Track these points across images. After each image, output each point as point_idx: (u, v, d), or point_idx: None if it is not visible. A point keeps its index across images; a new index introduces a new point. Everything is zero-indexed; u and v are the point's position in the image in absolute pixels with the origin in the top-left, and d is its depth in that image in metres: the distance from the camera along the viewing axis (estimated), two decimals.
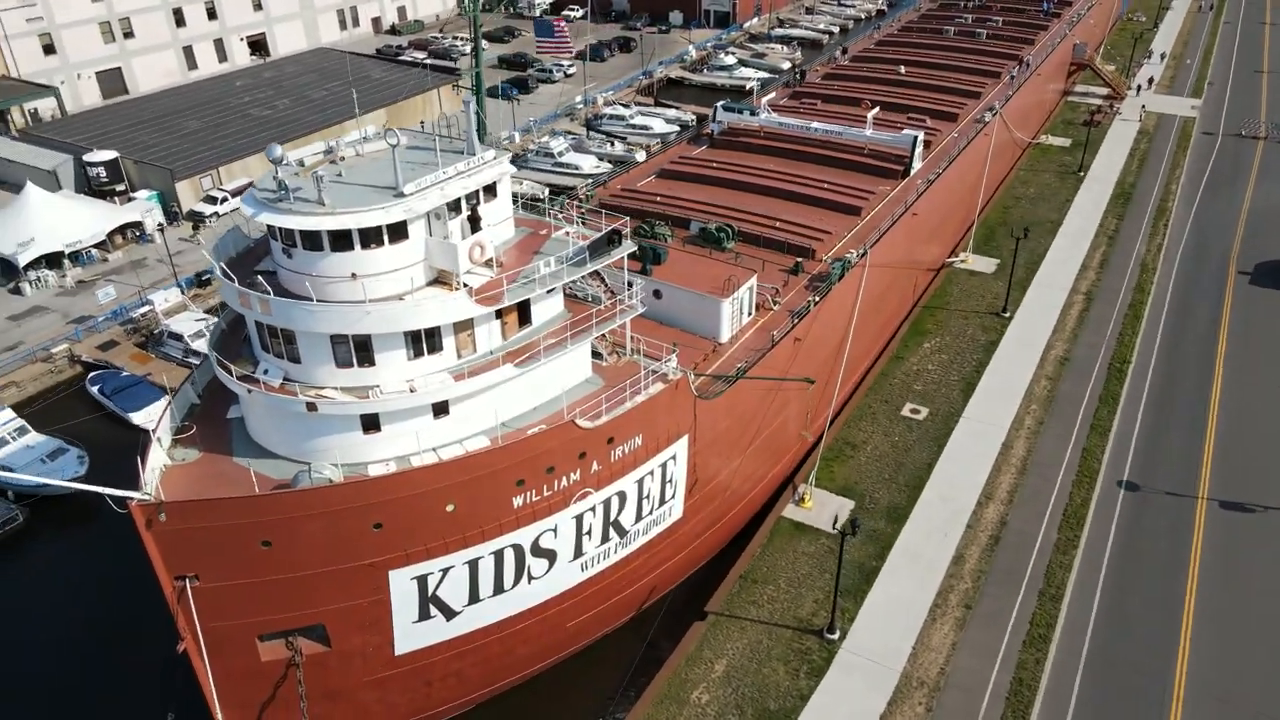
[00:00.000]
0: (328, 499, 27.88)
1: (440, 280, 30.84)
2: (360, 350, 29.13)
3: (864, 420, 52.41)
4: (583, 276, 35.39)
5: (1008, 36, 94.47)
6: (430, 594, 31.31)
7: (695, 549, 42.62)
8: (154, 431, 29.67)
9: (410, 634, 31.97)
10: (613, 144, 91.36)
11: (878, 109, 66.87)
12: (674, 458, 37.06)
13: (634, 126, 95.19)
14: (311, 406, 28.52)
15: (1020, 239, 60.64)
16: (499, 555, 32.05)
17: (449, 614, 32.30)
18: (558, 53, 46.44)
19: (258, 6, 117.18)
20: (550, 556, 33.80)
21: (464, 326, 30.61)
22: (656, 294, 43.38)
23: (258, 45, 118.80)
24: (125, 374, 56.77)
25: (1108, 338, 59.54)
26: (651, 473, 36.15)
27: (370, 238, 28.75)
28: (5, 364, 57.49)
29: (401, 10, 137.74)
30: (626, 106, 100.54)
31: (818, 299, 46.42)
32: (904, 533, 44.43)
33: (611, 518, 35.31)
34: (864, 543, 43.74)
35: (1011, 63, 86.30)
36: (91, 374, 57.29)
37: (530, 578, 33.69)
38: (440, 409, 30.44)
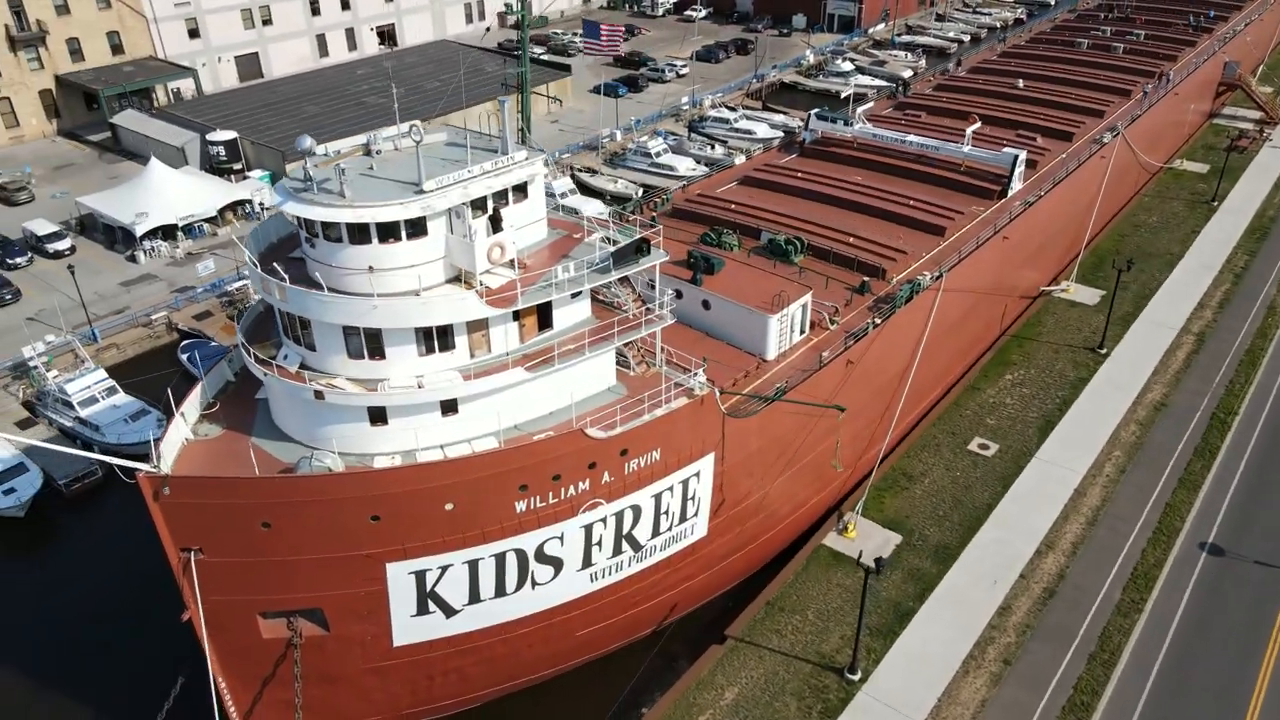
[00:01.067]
0: (325, 487, 28.30)
1: (460, 278, 30.85)
2: (371, 343, 29.44)
3: (926, 451, 49.80)
4: (612, 284, 34.88)
5: (1147, 52, 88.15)
6: (429, 590, 31.42)
7: (723, 569, 41.40)
8: (179, 406, 30.83)
9: (409, 627, 32.18)
10: (713, 147, 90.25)
11: (980, 124, 63.43)
12: (697, 475, 36.02)
13: (737, 130, 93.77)
14: (319, 395, 29.00)
15: (1122, 271, 56.27)
16: (500, 558, 31.86)
17: (448, 611, 32.35)
18: (603, 53, 45.71)
19: None
20: (556, 564, 33.39)
21: (478, 326, 30.52)
22: (705, 305, 42.37)
23: (386, 35, 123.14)
24: (214, 344, 59.69)
25: (1215, 385, 54.62)
26: (671, 488, 35.23)
27: (388, 232, 28.99)
28: (111, 326, 61.42)
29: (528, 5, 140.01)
30: (733, 110, 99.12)
31: (878, 321, 44.32)
32: (950, 575, 41.93)
33: (625, 531, 34.60)
34: (904, 581, 41.56)
35: (1146, 80, 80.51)
36: (184, 342, 60.53)
37: (535, 583, 33.37)
38: (449, 407, 30.46)
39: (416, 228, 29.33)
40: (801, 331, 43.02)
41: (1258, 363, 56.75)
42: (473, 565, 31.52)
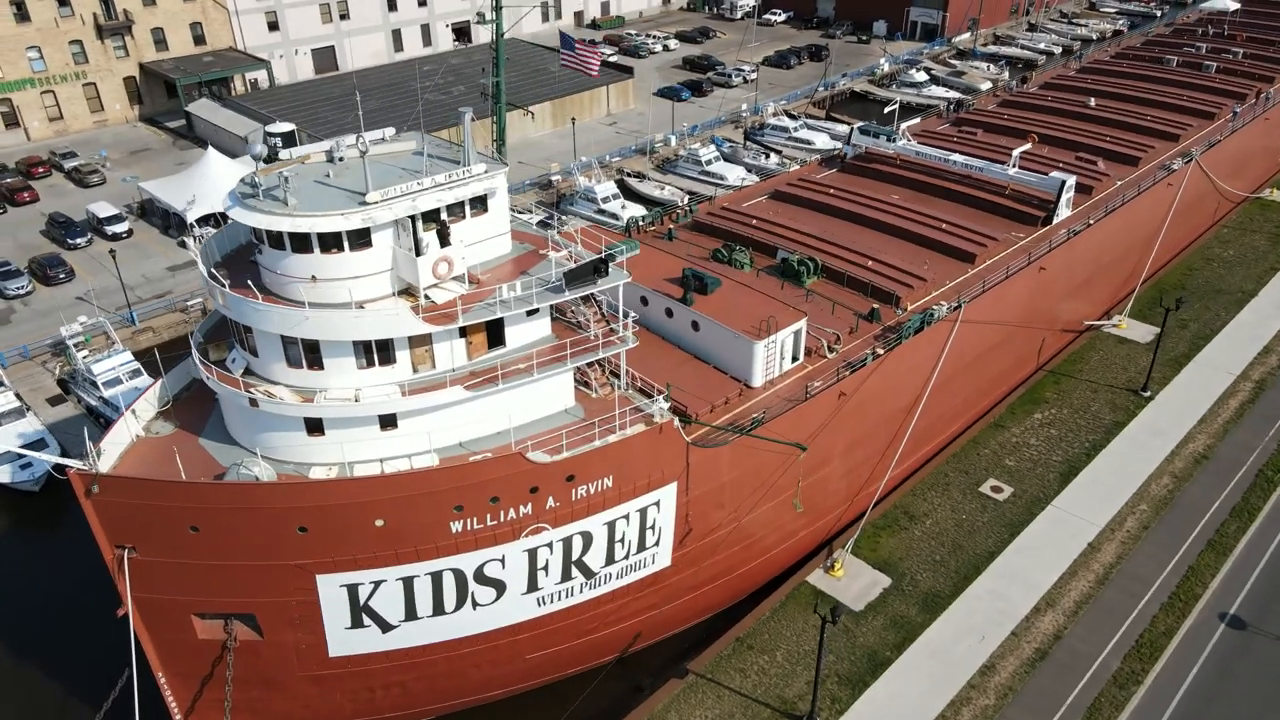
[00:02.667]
0: (250, 496, 28.22)
1: (409, 292, 30.40)
2: (309, 352, 29.24)
3: (934, 490, 47.28)
4: (576, 303, 33.93)
5: (1242, 72, 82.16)
6: (362, 604, 31.12)
7: (695, 600, 40.02)
8: (132, 405, 31.26)
9: (345, 639, 31.96)
10: (768, 156, 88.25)
11: (1030, 145, 60.00)
12: (657, 504, 34.78)
13: (795, 140, 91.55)
14: (253, 402, 28.94)
15: (1170, 309, 52.26)
16: (437, 577, 31.32)
17: (384, 626, 31.99)
18: (581, 70, 44.59)
19: None
20: (498, 586, 32.67)
21: (421, 341, 30.01)
22: (695, 326, 41.01)
23: (461, 32, 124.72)
24: None
25: (1267, 440, 50.29)
26: (626, 517, 34.11)
27: (330, 242, 28.72)
28: (149, 310, 63.58)
29: (605, 5, 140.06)
30: (794, 118, 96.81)
31: (880, 352, 42.15)
32: (935, 625, 39.60)
33: (574, 557, 33.65)
34: (885, 628, 39.45)
35: (1235, 102, 75.04)
36: None
37: (476, 604, 32.73)
38: (388, 421, 30.04)
39: (360, 239, 28.98)
40: (794, 359, 41.22)
41: None
42: (408, 582, 31.07)
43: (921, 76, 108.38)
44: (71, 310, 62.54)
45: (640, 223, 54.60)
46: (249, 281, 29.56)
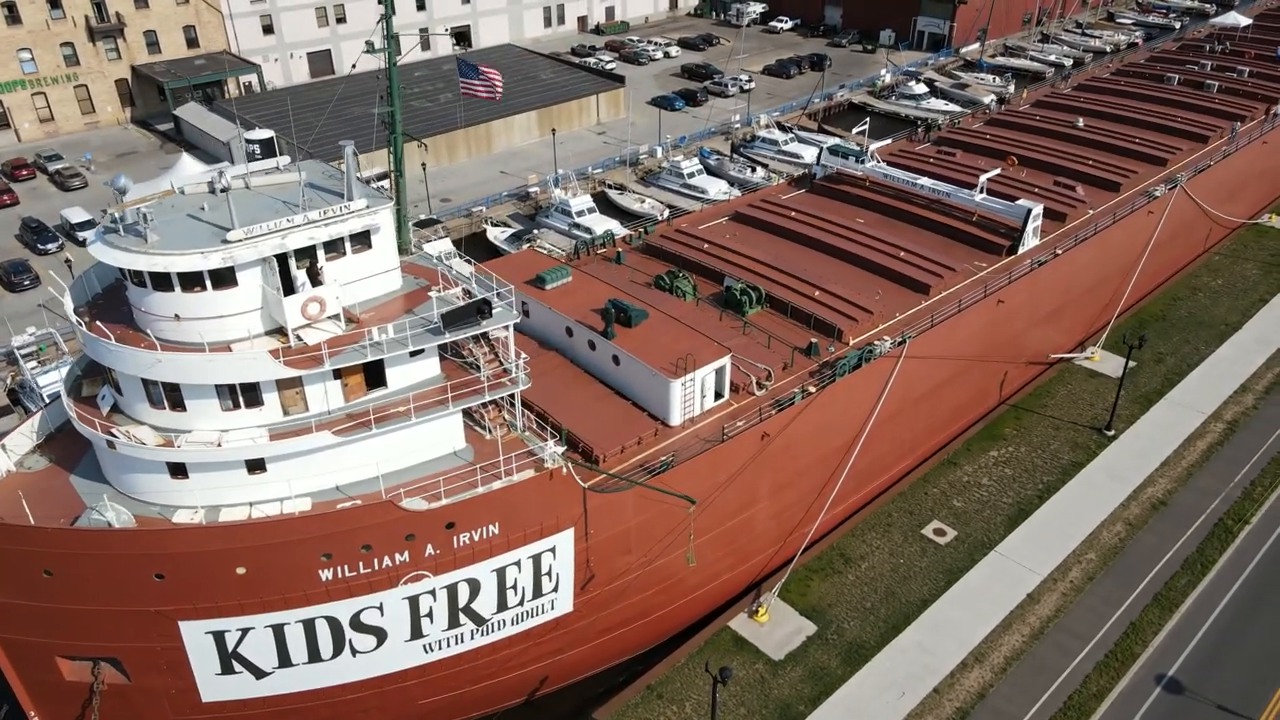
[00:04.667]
0: (101, 543, 27.41)
1: (282, 331, 29.42)
2: (170, 394, 28.33)
3: (874, 530, 45.63)
4: (472, 341, 32.80)
5: (1246, 92, 79.18)
6: (230, 651, 30.21)
7: (605, 644, 38.73)
8: (3, 438, 30.59)
9: (217, 685, 31.09)
10: (753, 170, 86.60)
11: (998, 170, 57.92)
12: (552, 550, 33.55)
13: (785, 154, 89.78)
14: (110, 444, 28.11)
15: (1134, 346, 50.06)
16: (309, 625, 30.34)
17: (258, 673, 31.07)
18: (481, 97, 43.30)
19: (466, 0, 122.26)
20: (378, 634, 31.62)
21: (291, 383, 29.01)
22: (615, 360, 39.69)
23: (462, 36, 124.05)
24: None
25: (1232, 486, 48.02)
26: (517, 563, 32.92)
27: (192, 281, 27.78)
28: None
29: (610, 10, 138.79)
30: (786, 130, 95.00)
31: (811, 391, 40.59)
32: (855, 679, 38.04)
33: (461, 604, 32.52)
34: (803, 680, 37.98)
35: (1233, 124, 72.28)
36: None
37: (355, 651, 31.71)
38: (256, 465, 29.06)
39: (223, 278, 28.01)
40: (718, 396, 39.76)
41: None
42: (278, 630, 30.12)
43: (921, 89, 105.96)
44: (32, 319, 62.43)
45: (591, 244, 53.41)
46: (129, 316, 28.76)
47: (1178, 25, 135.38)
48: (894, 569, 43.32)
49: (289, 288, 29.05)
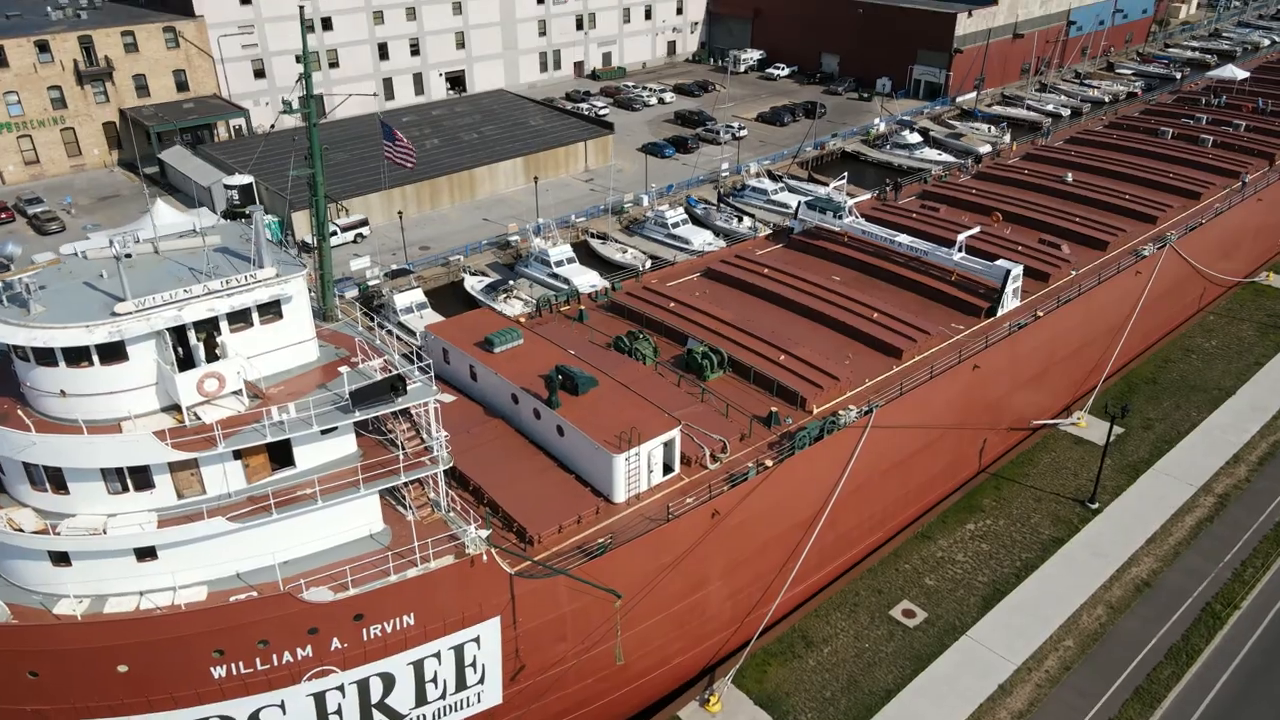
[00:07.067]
0: None
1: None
2: (51, 475, 26.43)
3: (840, 610, 43.13)
4: (391, 417, 30.85)
5: (1241, 147, 77.47)
6: None
7: None
8: None
9: None
10: (739, 219, 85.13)
11: (977, 230, 56.05)
12: (476, 640, 31.28)
13: (774, 203, 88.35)
14: None
15: (1116, 416, 47.72)
16: None
17: None
18: (397, 162, 41.97)
19: (460, 45, 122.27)
20: None
21: (186, 464, 27.06)
22: (560, 431, 37.66)
23: (457, 81, 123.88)
24: None
25: (1221, 567, 45.39)
26: (437, 655, 30.66)
27: (78, 356, 25.99)
28: None
29: (606, 56, 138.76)
30: (776, 179, 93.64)
31: (767, 465, 38.41)
32: None
33: (374, 699, 30.23)
34: None
35: (1229, 180, 70.48)
36: None
37: None
38: (146, 552, 27.03)
39: (112, 353, 26.22)
40: (668, 470, 37.62)
41: None
42: None
43: (915, 138, 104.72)
44: None
45: (553, 301, 51.72)
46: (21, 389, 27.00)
47: (1178, 76, 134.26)
48: (858, 654, 40.76)
49: (190, 361, 27.21)
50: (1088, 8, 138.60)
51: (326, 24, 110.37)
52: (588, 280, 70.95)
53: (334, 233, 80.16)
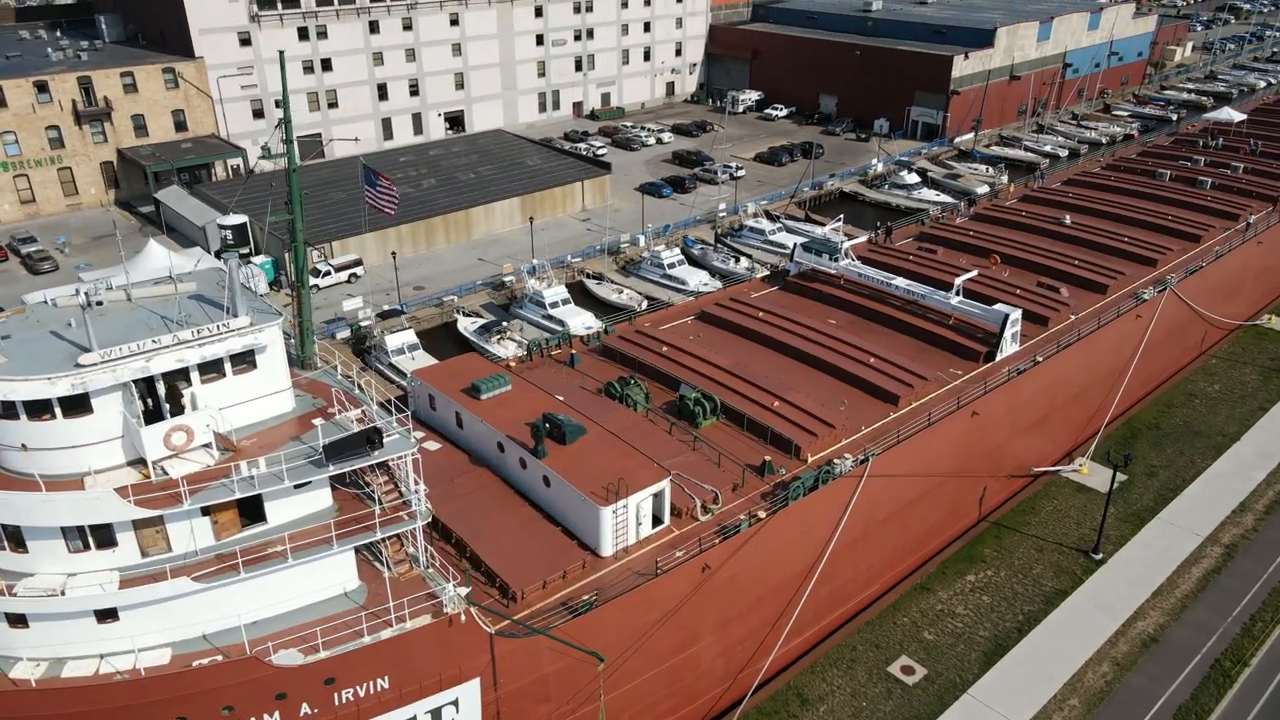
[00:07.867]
0: None
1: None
2: (10, 533, 25.38)
3: (836, 666, 41.71)
4: (368, 470, 29.86)
5: (1240, 189, 77.11)
6: None
7: None
8: None
9: None
10: (737, 260, 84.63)
11: (974, 273, 55.39)
12: (454, 703, 30.00)
13: (771, 243, 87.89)
14: None
15: (1119, 466, 46.63)
16: None
17: None
18: (378, 208, 41.50)
19: (460, 85, 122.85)
20: None
21: (150, 521, 26.03)
22: (546, 481, 36.62)
23: (455, 121, 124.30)
24: None
25: (1230, 621, 44.00)
26: (413, 719, 29.32)
27: (38, 408, 25.08)
28: None
29: (605, 96, 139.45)
30: (774, 219, 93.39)
31: (761, 516, 37.29)
32: None
33: None
34: None
35: (1228, 223, 70.01)
36: None
37: None
38: (108, 614, 25.90)
39: (75, 405, 25.32)
40: (657, 523, 36.51)
41: None
42: None
43: (913, 179, 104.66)
44: None
45: (544, 345, 50.91)
46: None
47: (1175, 118, 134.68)
48: (855, 713, 39.30)
49: (159, 413, 26.30)
50: (1084, 50, 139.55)
51: (326, 65, 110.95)
52: (583, 321, 70.26)
53: (327, 272, 79.80)
